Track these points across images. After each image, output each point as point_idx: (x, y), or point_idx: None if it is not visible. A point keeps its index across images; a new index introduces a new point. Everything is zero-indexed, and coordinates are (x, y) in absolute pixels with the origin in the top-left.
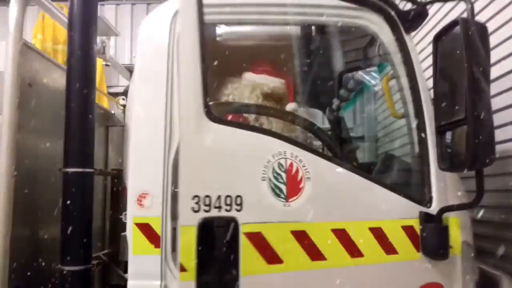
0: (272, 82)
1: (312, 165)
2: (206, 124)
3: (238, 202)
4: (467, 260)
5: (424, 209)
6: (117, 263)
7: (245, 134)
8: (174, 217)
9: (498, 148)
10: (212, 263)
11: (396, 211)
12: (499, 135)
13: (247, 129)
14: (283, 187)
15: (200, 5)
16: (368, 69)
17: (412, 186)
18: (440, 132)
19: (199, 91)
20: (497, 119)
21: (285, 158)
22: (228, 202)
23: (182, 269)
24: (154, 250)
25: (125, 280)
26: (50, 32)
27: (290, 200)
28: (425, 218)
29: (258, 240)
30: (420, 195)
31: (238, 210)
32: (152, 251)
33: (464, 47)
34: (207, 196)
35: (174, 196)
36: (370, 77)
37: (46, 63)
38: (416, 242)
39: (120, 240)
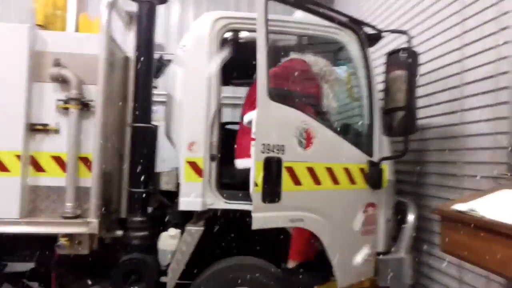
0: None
1: (316, 129)
2: (267, 101)
3: (282, 148)
4: (389, 191)
5: (370, 159)
6: None
7: (285, 108)
8: (212, 158)
9: None
10: (269, 182)
11: (356, 159)
12: None
13: (287, 104)
14: (303, 141)
15: (266, 24)
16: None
17: (365, 144)
18: (385, 113)
19: (266, 81)
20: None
21: (305, 124)
22: (277, 148)
23: (255, 185)
24: (199, 178)
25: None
26: None
27: (306, 149)
28: (371, 164)
29: (291, 171)
30: (368, 149)
31: (282, 153)
32: (197, 179)
33: (408, 66)
34: (268, 144)
35: (211, 144)
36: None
37: (117, 48)
38: (365, 178)
39: (155, 176)
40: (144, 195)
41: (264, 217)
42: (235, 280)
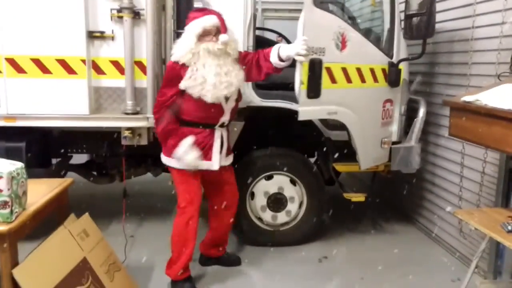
0: None
1: (350, 35)
2: (312, 7)
3: (323, 51)
4: (404, 89)
5: (391, 60)
6: None
7: (326, 13)
8: None
9: None
10: (313, 81)
11: (380, 60)
12: None
13: (327, 11)
14: (339, 44)
15: None
16: None
17: (387, 47)
18: (407, 17)
19: None
20: None
21: (341, 30)
22: (319, 51)
23: (301, 83)
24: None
25: None
26: None
27: (342, 51)
28: (391, 64)
29: (329, 71)
30: (389, 52)
31: (323, 55)
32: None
33: None
34: (312, 47)
35: (248, 49)
36: None
37: None
38: (386, 77)
39: None
40: None
41: (308, 110)
42: (277, 165)
